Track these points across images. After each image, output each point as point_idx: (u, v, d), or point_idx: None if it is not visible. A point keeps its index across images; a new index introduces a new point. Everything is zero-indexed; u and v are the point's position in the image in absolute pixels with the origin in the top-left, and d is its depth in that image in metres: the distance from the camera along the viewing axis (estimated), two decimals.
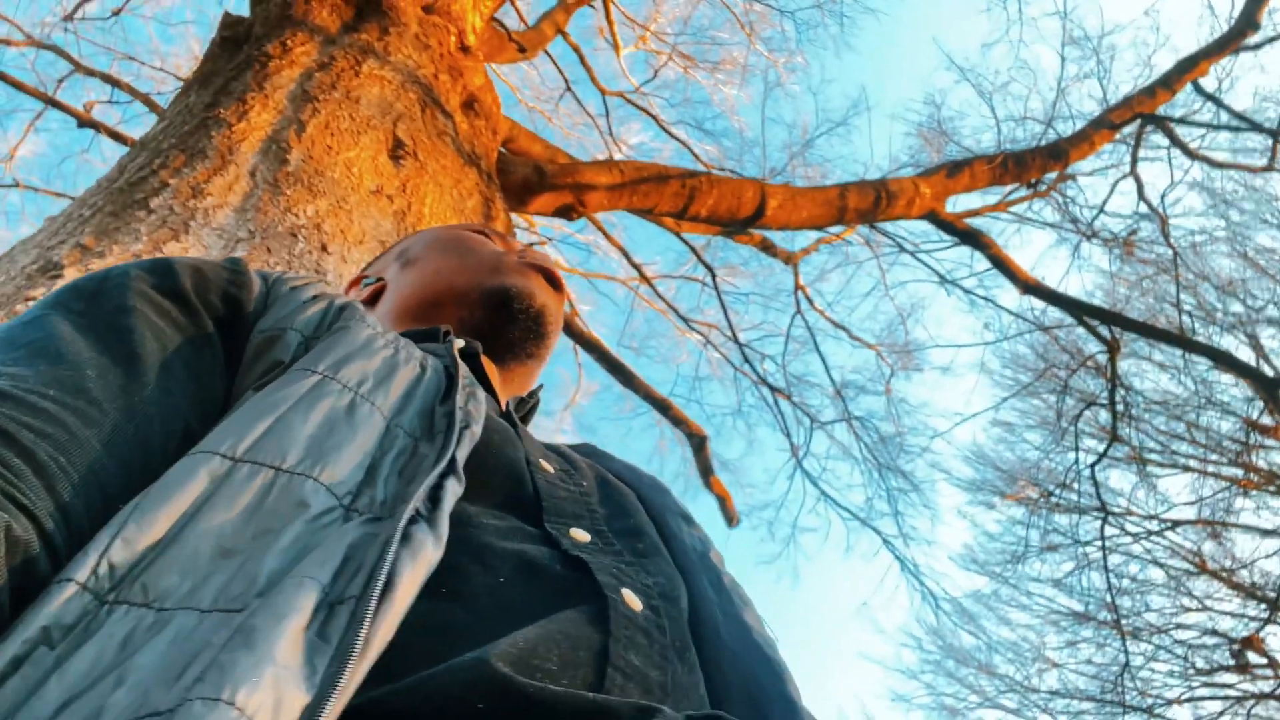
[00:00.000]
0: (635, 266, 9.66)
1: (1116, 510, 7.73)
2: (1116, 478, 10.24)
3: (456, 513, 0.58)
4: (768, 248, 9.21)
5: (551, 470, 0.71)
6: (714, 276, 8.30)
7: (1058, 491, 7.20)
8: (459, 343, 0.88)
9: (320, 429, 0.55)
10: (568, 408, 10.22)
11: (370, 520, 0.50)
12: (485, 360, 0.93)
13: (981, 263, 6.97)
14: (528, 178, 4.22)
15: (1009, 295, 7.56)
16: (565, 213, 4.40)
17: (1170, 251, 7.34)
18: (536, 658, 0.45)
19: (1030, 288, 6.11)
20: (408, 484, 0.54)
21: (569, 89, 9.82)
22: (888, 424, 9.29)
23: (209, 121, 2.04)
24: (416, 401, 0.64)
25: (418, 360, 0.70)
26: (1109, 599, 6.86)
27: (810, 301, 9.87)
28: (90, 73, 8.85)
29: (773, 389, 8.56)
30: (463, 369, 0.71)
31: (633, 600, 0.54)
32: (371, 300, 1.05)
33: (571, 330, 4.81)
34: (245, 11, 3.19)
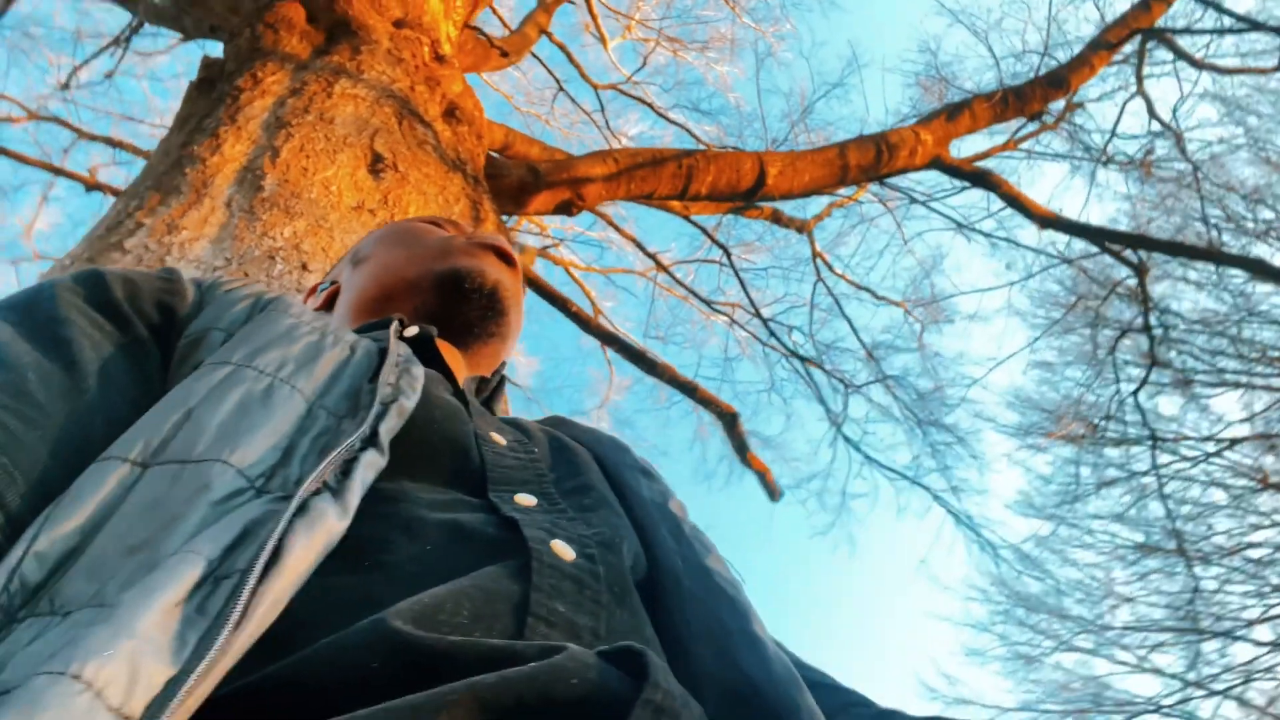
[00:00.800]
0: (650, 256, 9.64)
1: (1167, 436, 7.57)
2: (1165, 404, 10.05)
3: (391, 490, 0.57)
4: (779, 219, 9.13)
5: (503, 442, 0.70)
6: (729, 255, 8.25)
7: (1104, 424, 7.07)
8: (412, 330, 0.87)
9: (232, 415, 0.54)
10: (602, 405, 10.23)
11: (279, 498, 0.49)
12: (443, 344, 0.92)
13: (997, 204, 6.87)
14: (523, 179, 4.21)
15: (1029, 234, 7.43)
16: (565, 209, 4.38)
17: (1190, 166, 7.16)
18: (444, 613, 0.43)
19: (1048, 222, 6.00)
20: (321, 461, 0.52)
21: (561, 89, 9.81)
22: (925, 379, 9.19)
23: (183, 159, 2.05)
24: (344, 382, 0.62)
25: (347, 343, 0.68)
26: (1171, 527, 6.72)
27: (830, 267, 9.78)
28: (92, 138, 8.99)
29: (803, 359, 8.50)
30: (399, 348, 0.69)
31: (563, 551, 0.53)
32: (328, 306, 1.05)
33: (591, 328, 4.80)
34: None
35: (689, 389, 5.04)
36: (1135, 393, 5.93)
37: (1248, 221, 7.93)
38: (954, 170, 5.62)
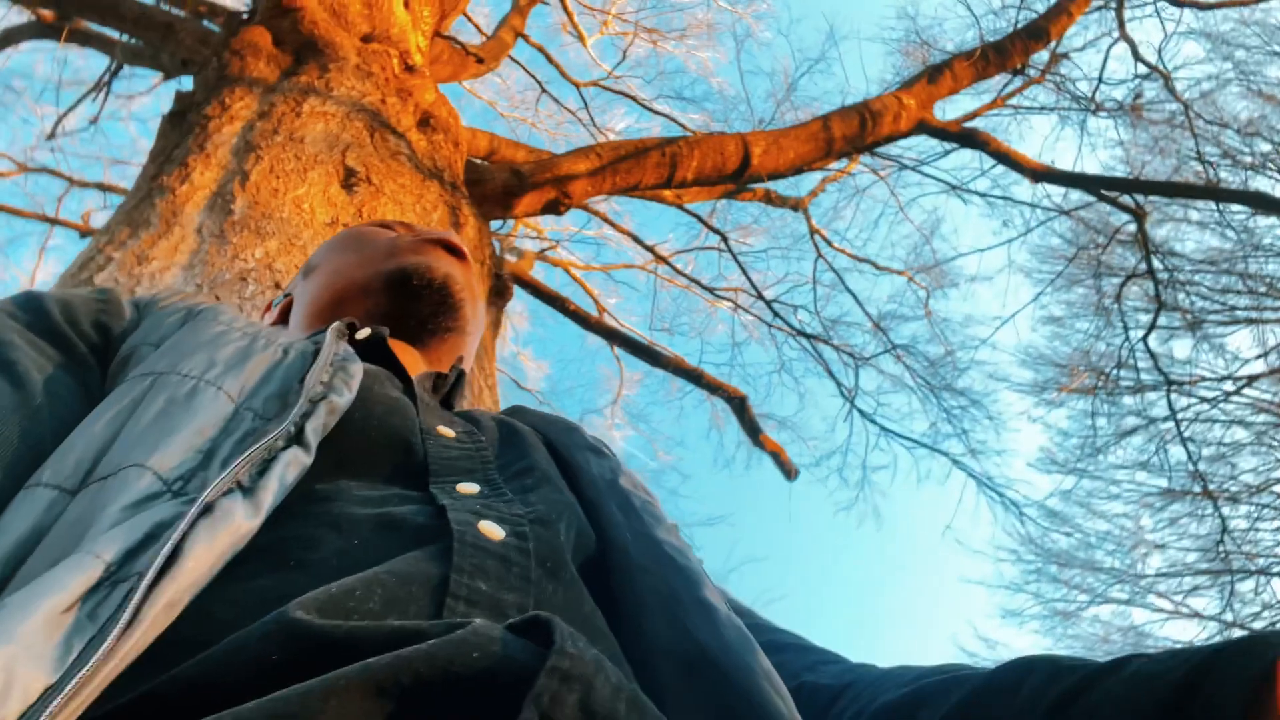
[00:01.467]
0: (648, 249, 9.62)
1: (1182, 379, 7.50)
2: (1178, 347, 9.97)
3: (326, 489, 0.56)
4: (773, 199, 9.10)
5: (450, 434, 0.69)
6: (726, 241, 8.22)
7: (1117, 373, 7.01)
8: (364, 331, 0.86)
9: (154, 421, 0.54)
10: (615, 402, 10.22)
11: (193, 500, 0.47)
12: (398, 344, 0.91)
13: (989, 164, 6.82)
14: (507, 183, 4.20)
15: (1024, 191, 7.37)
16: (553, 208, 4.37)
17: (1180, 106, 7.09)
18: (353, 600, 0.42)
19: (1041, 175, 5.95)
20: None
21: (544, 90, 9.80)
22: (934, 346, 9.14)
23: (152, 191, 2.04)
24: (274, 383, 0.61)
25: (280, 345, 0.68)
26: (1194, 470, 6.66)
27: (829, 242, 9.74)
28: (83, 185, 9.05)
29: (810, 337, 8.47)
30: (336, 347, 0.68)
31: (491, 530, 0.51)
32: (284, 319, 1.04)
33: (591, 325, 4.79)
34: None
35: (695, 376, 5.02)
36: (1144, 338, 5.88)
37: (1245, 155, 7.85)
38: (941, 132, 5.58)
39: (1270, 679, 0.42)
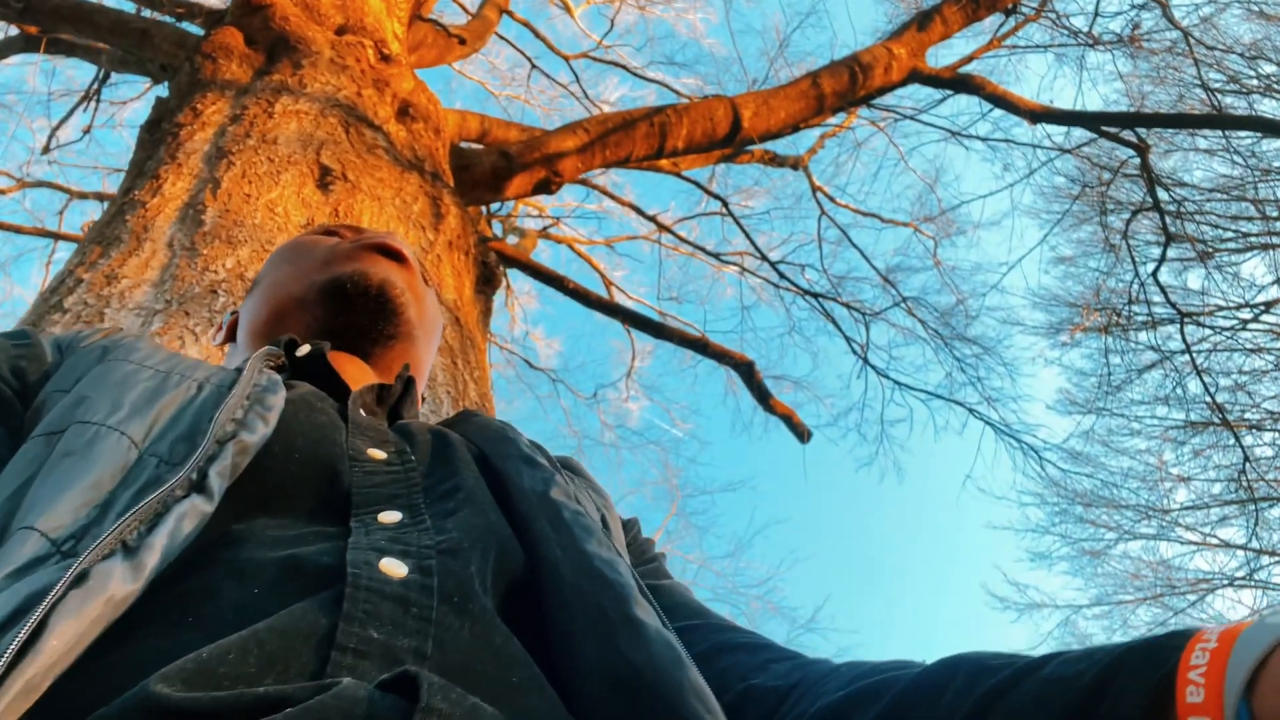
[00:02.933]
0: (650, 219, 9.55)
1: (1195, 310, 7.41)
2: (1192, 279, 9.84)
3: (238, 531, 0.54)
4: (772, 160, 9.00)
5: (381, 456, 0.66)
6: (726, 205, 8.14)
7: (1129, 309, 6.93)
8: (304, 348, 0.84)
9: (52, 478, 0.52)
10: (629, 375, 10.21)
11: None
12: (342, 357, 0.89)
13: (988, 108, 6.71)
14: (495, 165, 4.16)
15: (1024, 134, 7.25)
16: (544, 187, 4.33)
17: (1180, 34, 6.94)
18: (225, 664, 0.40)
19: (1039, 115, 5.84)
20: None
21: (534, 66, 9.70)
22: (945, 295, 9.06)
23: (124, 207, 2.03)
24: (183, 423, 0.59)
25: (194, 381, 0.65)
26: (1212, 401, 6.59)
27: (831, 199, 9.64)
28: (82, 196, 9.07)
29: (818, 296, 8.41)
30: (257, 377, 0.66)
31: (393, 569, 0.49)
32: (231, 336, 1.03)
33: (592, 301, 4.76)
34: None
35: (700, 345, 4.99)
36: (1154, 273, 5.79)
37: (1249, 79, 7.68)
38: (934, 80, 5.48)
39: (1171, 684, 0.40)
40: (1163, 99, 7.65)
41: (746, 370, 5.05)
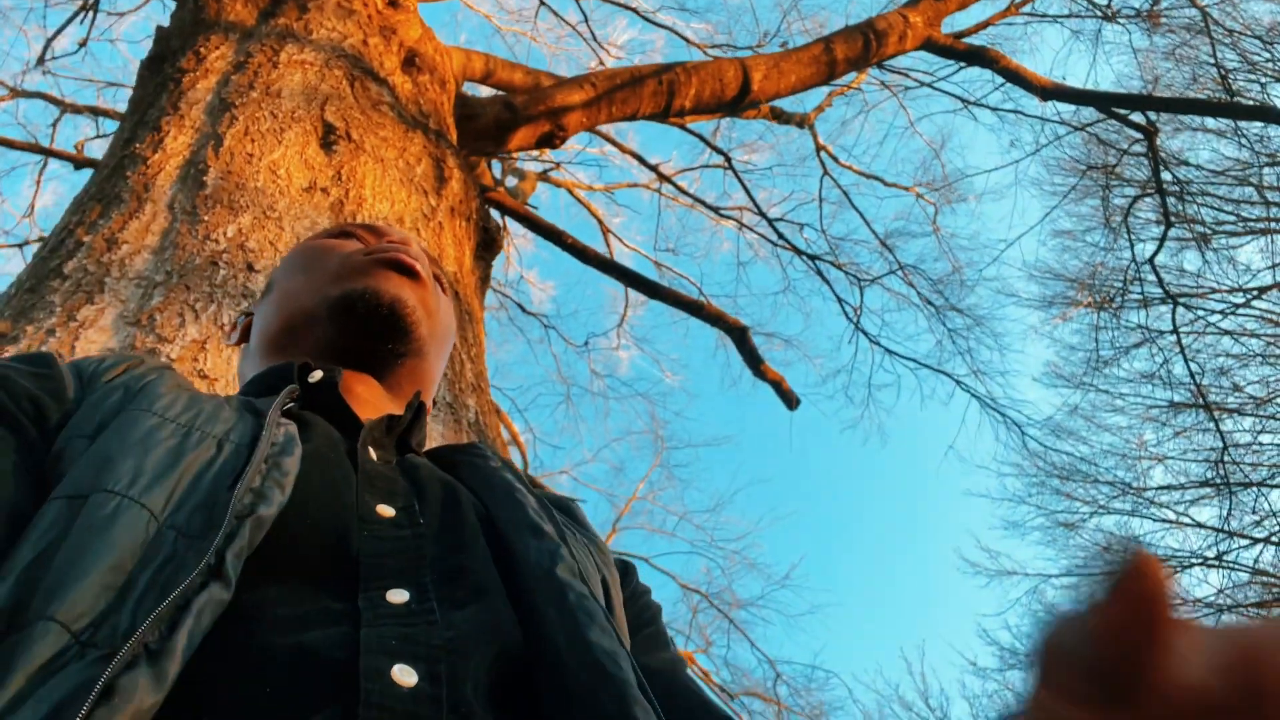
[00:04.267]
0: (652, 168, 9.46)
1: (1189, 293, 7.43)
2: (1190, 260, 9.86)
3: (248, 604, 0.54)
4: (779, 115, 8.90)
5: (391, 513, 0.66)
6: (729, 160, 8.07)
7: (1125, 287, 6.96)
8: (316, 374, 0.84)
9: (72, 556, 0.51)
10: (621, 324, 10.21)
11: (102, 659, 0.45)
12: (355, 377, 0.89)
13: (999, 81, 6.63)
14: (499, 116, 4.11)
15: (1034, 107, 7.17)
16: (547, 141, 4.28)
17: (1198, 12, 6.84)
18: None
19: (1050, 92, 5.78)
20: (158, 601, 0.49)
21: (543, 3, 9.50)
22: (942, 264, 9.05)
23: (125, 160, 2.00)
24: (201, 490, 0.59)
25: (214, 439, 0.65)
26: (1197, 384, 6.65)
27: (835, 159, 9.55)
28: (77, 110, 8.90)
29: (815, 258, 8.38)
30: (275, 433, 0.66)
31: (403, 677, 0.50)
32: (246, 337, 1.02)
33: (590, 258, 4.74)
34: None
35: (695, 307, 4.99)
36: (1152, 259, 5.79)
37: (1265, 63, 7.60)
38: (949, 50, 5.41)
39: None
40: (1177, 77, 7.56)
41: (740, 335, 5.06)
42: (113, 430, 0.64)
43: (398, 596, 0.57)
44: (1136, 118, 5.83)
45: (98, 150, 8.32)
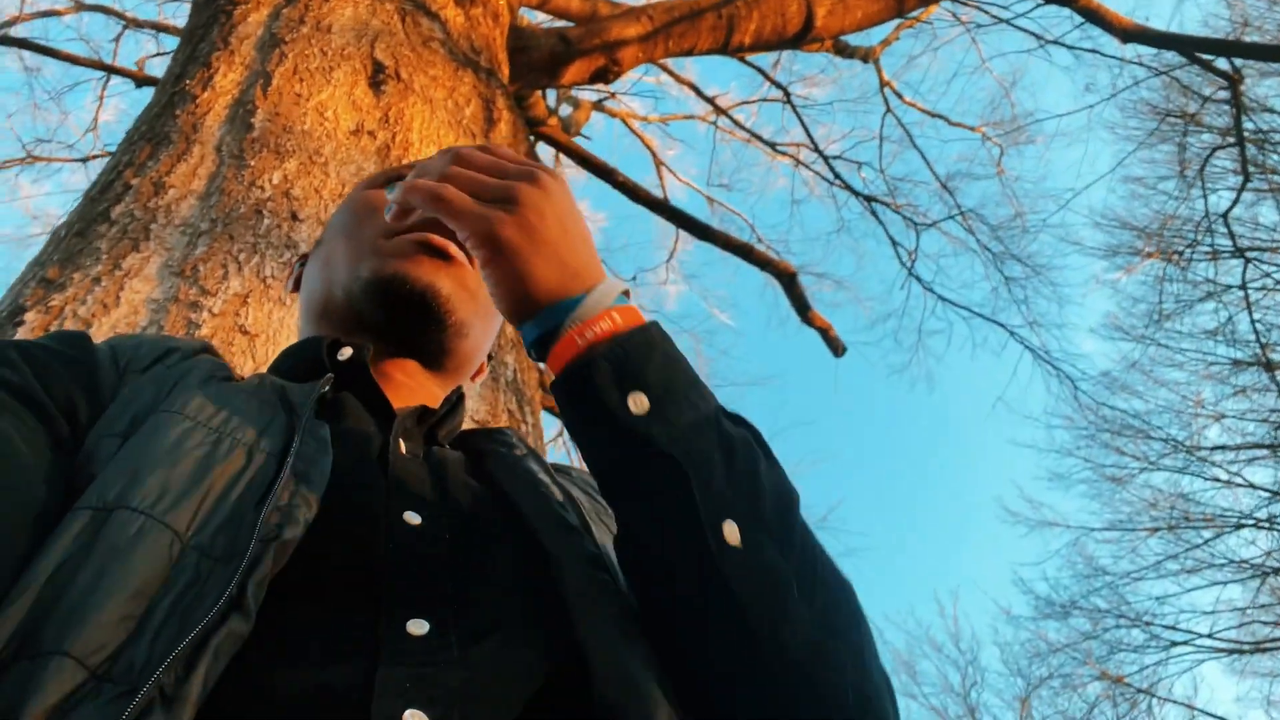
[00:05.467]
0: (709, 100, 9.26)
1: (1262, 246, 7.15)
2: (1267, 214, 9.47)
3: (264, 635, 0.52)
4: (842, 50, 8.61)
5: (417, 522, 0.64)
6: (788, 95, 7.86)
7: (1195, 239, 6.71)
8: (346, 351, 0.82)
9: (91, 582, 0.50)
10: (670, 258, 10.13)
11: (119, 697, 0.44)
12: (392, 366, 0.87)
13: (1077, 20, 6.33)
14: (554, 50, 4.03)
15: (1112, 46, 6.84)
16: (601, 76, 4.19)
17: None
18: None
19: (1131, 34, 5.50)
20: (176, 635, 0.47)
21: None
22: (1004, 208, 8.80)
23: (175, 98, 2.00)
24: (227, 506, 0.57)
25: (245, 447, 0.62)
26: (1260, 342, 6.44)
27: (899, 96, 9.27)
28: (139, 24, 8.93)
29: (871, 199, 8.20)
30: (305, 443, 0.64)
31: None
32: (299, 286, 0.99)
33: (640, 197, 4.68)
34: None
35: (745, 250, 4.91)
36: (1226, 213, 5.56)
37: None
38: None
39: None
40: (1268, 20, 7.17)
41: (788, 279, 4.98)
42: (142, 436, 0.62)
43: (417, 628, 0.55)
44: (1221, 64, 5.54)
45: (158, 68, 8.36)
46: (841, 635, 0.60)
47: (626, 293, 0.69)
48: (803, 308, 5.16)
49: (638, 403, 0.61)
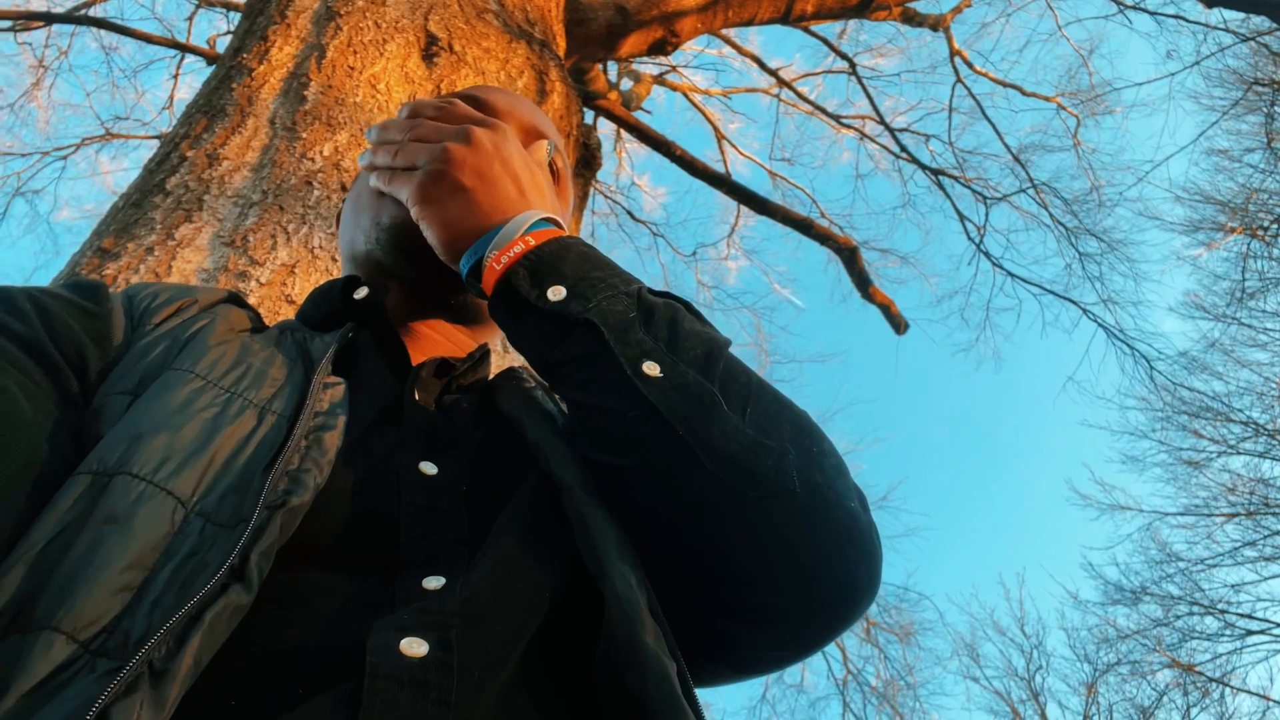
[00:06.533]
0: (771, 73, 9.12)
1: None
2: None
3: (277, 584, 0.51)
4: (911, 18, 8.39)
5: (433, 471, 0.63)
6: (854, 66, 7.69)
7: (1276, 217, 6.41)
8: (361, 291, 0.81)
9: (88, 551, 0.48)
10: (731, 233, 10.05)
11: (109, 673, 0.43)
12: (417, 324, 0.85)
13: None
14: (611, 22, 3.99)
15: (1197, 14, 6.55)
16: (659, 48, 4.14)
17: None
18: None
19: None
20: (173, 606, 0.46)
21: None
22: (1079, 182, 8.52)
23: (232, 71, 2.03)
24: (235, 470, 0.55)
25: (256, 408, 0.61)
26: None
27: (970, 65, 9.01)
28: (210, 3, 9.11)
29: (937, 172, 8.00)
30: (319, 400, 0.62)
31: (412, 648, 0.47)
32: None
33: (698, 170, 4.63)
34: None
35: (804, 225, 4.83)
36: None
37: None
38: None
39: None
40: None
41: (849, 255, 4.89)
42: (150, 395, 0.60)
43: (433, 583, 0.55)
44: None
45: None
46: (776, 434, 0.62)
47: (550, 219, 0.74)
48: (864, 284, 5.07)
49: (556, 293, 0.67)
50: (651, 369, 0.62)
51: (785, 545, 0.59)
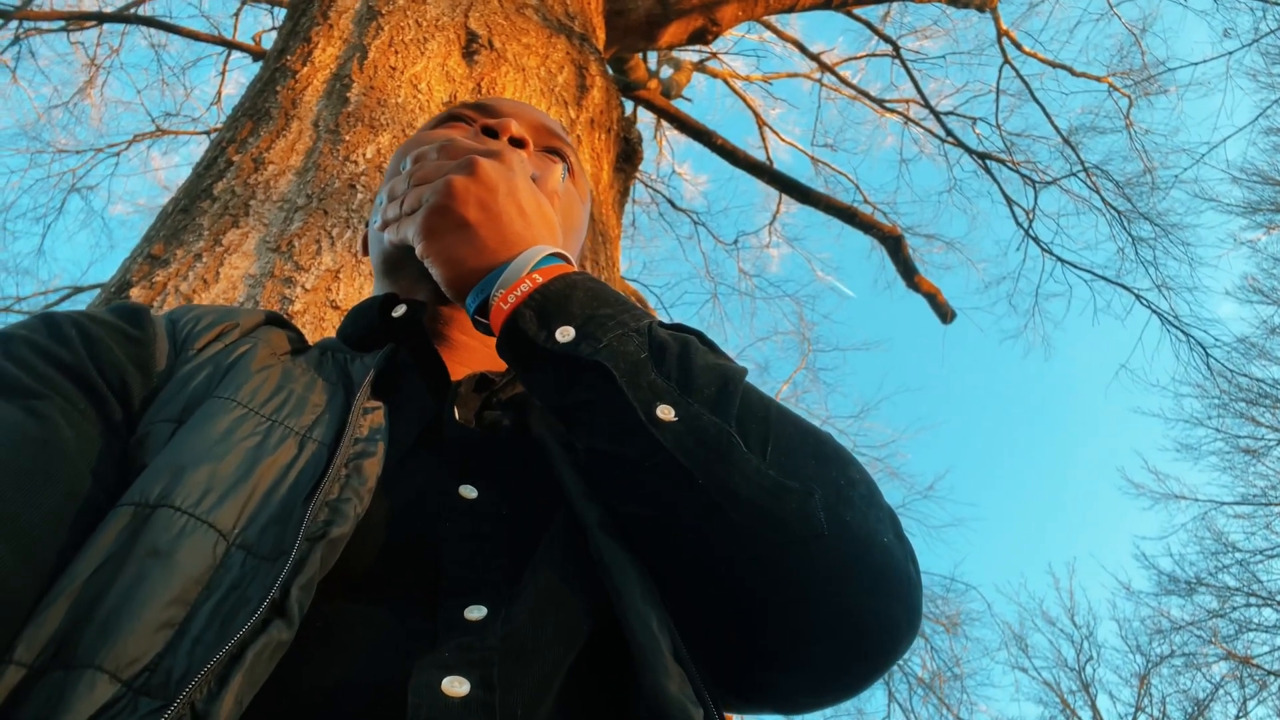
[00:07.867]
0: (814, 57, 9.01)
1: None
2: None
3: (308, 634, 0.50)
4: None
5: (473, 495, 0.63)
6: (898, 49, 7.57)
7: None
8: (400, 309, 0.79)
9: (130, 587, 0.48)
10: (773, 221, 9.96)
11: (152, 713, 0.43)
12: (454, 324, 0.84)
13: None
14: (651, 11, 3.96)
15: None
16: (700, 37, 4.11)
17: None
18: None
19: None
20: (214, 644, 0.46)
21: None
22: (1134, 164, 8.32)
23: (276, 74, 2.05)
24: (276, 501, 0.55)
25: (297, 436, 0.61)
26: None
27: (1018, 46, 8.83)
28: (255, 0, 9.23)
29: (984, 155, 7.86)
30: (362, 423, 0.62)
31: (454, 688, 0.47)
32: (368, 249, 0.98)
33: (739, 160, 4.59)
34: None
35: (848, 214, 4.77)
36: None
37: None
38: None
39: None
40: None
41: (894, 243, 4.83)
42: (193, 424, 0.60)
43: (475, 614, 0.54)
44: None
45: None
46: (800, 472, 0.60)
47: (557, 254, 0.72)
48: (909, 272, 5.00)
49: (564, 333, 0.65)
50: (666, 413, 0.60)
51: (818, 592, 0.57)
